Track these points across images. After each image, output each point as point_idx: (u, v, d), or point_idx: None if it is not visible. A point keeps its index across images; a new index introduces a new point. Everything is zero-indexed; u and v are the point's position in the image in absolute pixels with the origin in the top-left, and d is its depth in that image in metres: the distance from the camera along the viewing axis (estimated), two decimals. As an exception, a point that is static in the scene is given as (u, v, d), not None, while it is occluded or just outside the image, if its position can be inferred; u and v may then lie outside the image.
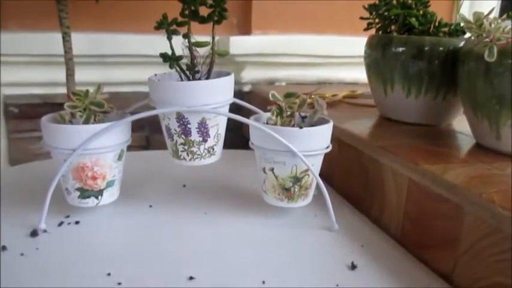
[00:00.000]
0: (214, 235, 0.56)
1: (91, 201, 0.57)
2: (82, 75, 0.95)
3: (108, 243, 0.54)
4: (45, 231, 0.54)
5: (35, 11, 0.98)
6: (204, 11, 0.55)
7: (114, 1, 0.94)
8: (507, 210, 0.40)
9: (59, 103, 0.99)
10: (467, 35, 0.65)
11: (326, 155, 0.58)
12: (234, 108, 0.61)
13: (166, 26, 0.54)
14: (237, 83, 1.11)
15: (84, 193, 0.56)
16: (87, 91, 0.55)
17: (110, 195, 0.58)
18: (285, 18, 1.13)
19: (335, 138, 0.63)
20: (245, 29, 1.13)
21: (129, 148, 0.60)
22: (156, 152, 0.89)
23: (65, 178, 0.56)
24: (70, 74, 0.89)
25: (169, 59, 0.54)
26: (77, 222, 0.57)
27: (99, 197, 0.57)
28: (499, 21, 0.54)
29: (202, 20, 0.55)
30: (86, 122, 0.54)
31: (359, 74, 0.98)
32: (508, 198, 0.42)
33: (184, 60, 0.57)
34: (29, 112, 1.03)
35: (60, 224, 0.57)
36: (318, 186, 0.57)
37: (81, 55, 0.97)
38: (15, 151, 1.03)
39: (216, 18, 0.55)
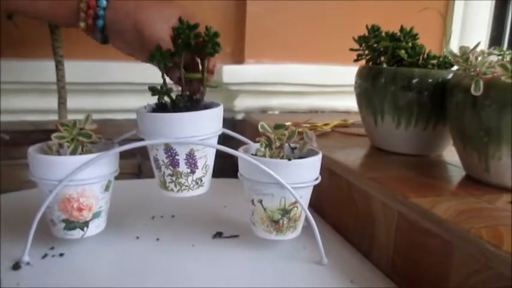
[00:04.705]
0: (200, 268, 0.55)
1: (76, 233, 0.56)
2: (75, 102, 0.95)
3: (93, 276, 0.53)
4: (28, 263, 0.53)
5: (29, 40, 0.99)
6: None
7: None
8: (495, 247, 0.40)
9: (50, 130, 0.99)
10: (456, 67, 0.66)
11: (316, 185, 0.57)
12: (226, 137, 0.61)
13: (159, 58, 0.54)
14: (230, 111, 1.11)
15: (70, 225, 0.55)
16: (75, 122, 0.55)
17: (96, 227, 0.57)
18: (278, 48, 1.15)
19: (325, 168, 0.63)
20: (238, 57, 1.14)
21: (121, 175, 0.59)
22: (145, 181, 0.88)
23: (50, 209, 0.55)
24: (62, 102, 0.89)
25: (158, 93, 0.54)
26: (61, 255, 0.56)
27: (85, 229, 0.56)
28: (485, 55, 0.55)
29: (195, 53, 0.56)
30: (73, 152, 0.54)
31: (351, 103, 0.98)
32: (497, 234, 0.42)
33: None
34: (20, 139, 1.02)
35: (44, 256, 0.55)
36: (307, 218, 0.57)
37: (74, 83, 0.97)
38: (4, 178, 1.02)
39: (208, 51, 0.55)
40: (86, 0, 0.55)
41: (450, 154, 0.71)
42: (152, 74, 0.60)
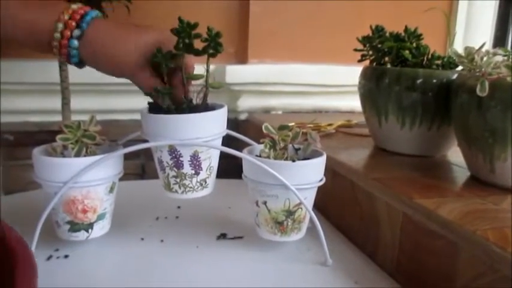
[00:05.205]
0: (205, 270, 0.55)
1: (81, 235, 0.56)
2: (79, 103, 0.95)
3: (98, 278, 0.53)
4: (33, 265, 0.53)
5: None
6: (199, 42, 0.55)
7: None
8: (501, 249, 0.40)
9: (54, 130, 1.00)
10: (460, 67, 0.66)
11: (320, 186, 0.57)
12: (229, 137, 0.60)
13: (159, 59, 0.54)
14: (233, 111, 1.11)
15: (74, 226, 0.55)
16: (79, 123, 0.55)
17: (100, 228, 0.57)
18: (282, 48, 1.15)
19: (329, 169, 0.63)
20: (242, 57, 1.14)
21: (125, 176, 0.59)
22: (149, 181, 0.88)
23: (54, 211, 0.55)
24: (66, 103, 0.89)
25: (161, 93, 0.54)
26: (66, 256, 0.56)
27: (90, 230, 0.56)
28: (490, 55, 0.55)
29: (197, 53, 0.56)
30: (78, 154, 0.54)
31: (355, 103, 0.98)
32: (503, 236, 0.42)
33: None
34: (24, 139, 1.03)
35: (49, 258, 0.56)
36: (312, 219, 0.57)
37: (78, 83, 0.97)
38: (9, 179, 1.03)
39: (210, 51, 0.55)
40: (58, 40, 0.52)
41: (455, 155, 0.71)
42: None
